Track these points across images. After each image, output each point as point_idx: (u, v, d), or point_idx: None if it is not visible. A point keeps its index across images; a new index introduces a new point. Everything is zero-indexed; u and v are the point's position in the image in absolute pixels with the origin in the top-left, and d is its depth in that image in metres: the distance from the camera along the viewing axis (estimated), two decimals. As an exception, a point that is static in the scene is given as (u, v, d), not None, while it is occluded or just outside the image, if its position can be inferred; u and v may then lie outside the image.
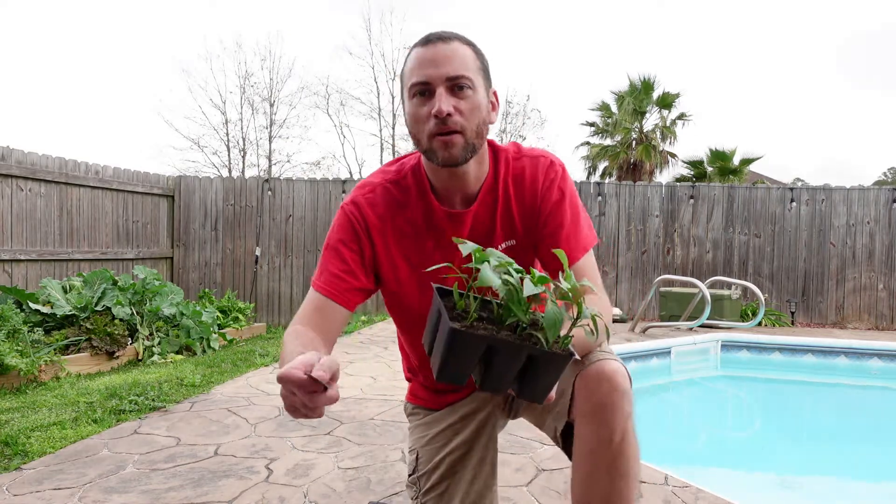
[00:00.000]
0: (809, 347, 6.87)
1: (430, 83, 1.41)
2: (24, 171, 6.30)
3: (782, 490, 3.57)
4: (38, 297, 5.59)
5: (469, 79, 1.42)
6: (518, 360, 1.05)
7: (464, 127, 1.42)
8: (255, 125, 26.65)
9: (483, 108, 1.46)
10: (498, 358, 1.04)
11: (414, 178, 1.58)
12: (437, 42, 1.43)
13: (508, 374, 1.06)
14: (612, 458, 1.33)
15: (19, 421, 3.64)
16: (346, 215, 1.56)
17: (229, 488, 2.70)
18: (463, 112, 1.41)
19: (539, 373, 1.07)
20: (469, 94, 1.42)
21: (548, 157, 1.61)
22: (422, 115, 1.43)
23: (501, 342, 1.03)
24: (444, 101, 1.38)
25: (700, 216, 8.98)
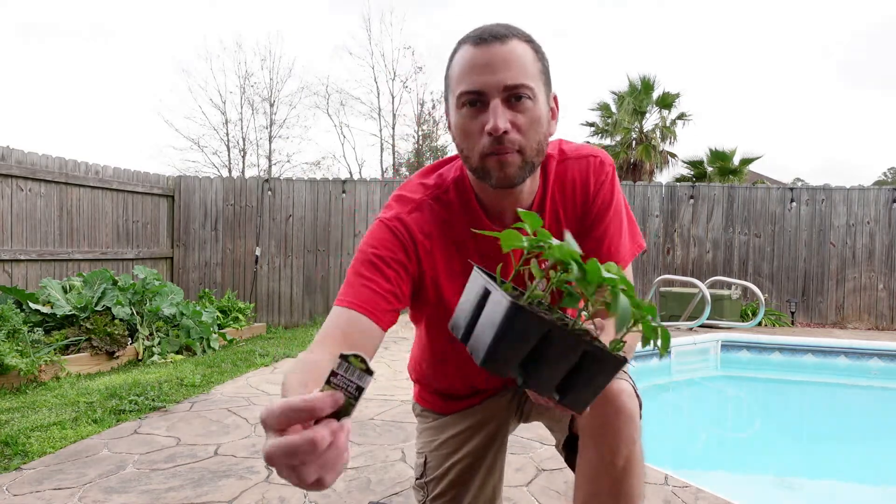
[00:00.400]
0: (809, 347, 6.87)
1: (484, 93, 1.23)
2: (24, 171, 6.30)
3: (782, 490, 3.58)
4: (38, 297, 5.59)
5: (529, 88, 1.23)
6: (572, 358, 0.93)
7: (522, 145, 1.24)
8: (255, 125, 26.69)
9: (544, 121, 1.28)
10: (551, 351, 0.92)
11: (457, 191, 1.40)
12: (492, 42, 1.23)
13: (557, 372, 0.94)
14: (615, 481, 1.26)
15: (19, 421, 3.64)
16: (390, 232, 1.35)
17: (229, 488, 2.71)
18: (521, 127, 1.24)
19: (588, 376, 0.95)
20: (528, 106, 1.24)
21: (597, 157, 1.44)
22: (473, 129, 1.25)
23: (562, 331, 0.91)
24: (500, 117, 1.21)
25: (700, 216, 8.98)
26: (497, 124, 1.20)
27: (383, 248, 1.32)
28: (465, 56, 1.25)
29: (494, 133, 1.21)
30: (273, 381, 4.90)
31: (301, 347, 6.51)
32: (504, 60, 1.22)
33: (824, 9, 57.24)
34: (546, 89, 1.29)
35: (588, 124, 20.37)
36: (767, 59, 54.59)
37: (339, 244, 9.01)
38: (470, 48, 1.25)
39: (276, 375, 5.12)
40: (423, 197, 1.40)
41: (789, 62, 55.94)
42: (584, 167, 1.41)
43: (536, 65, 1.26)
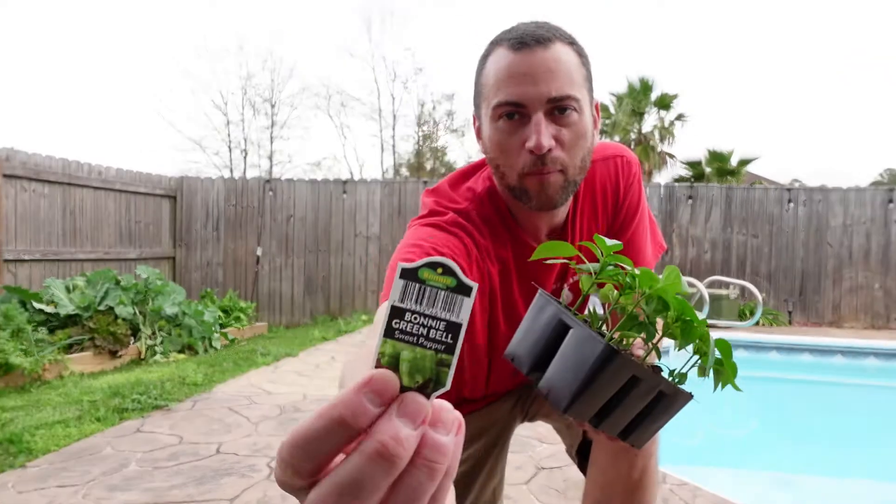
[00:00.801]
0: (806, 346, 6.90)
1: (525, 105, 1.09)
2: (28, 171, 6.34)
3: (779, 487, 3.61)
4: (42, 296, 5.63)
5: (575, 99, 1.10)
6: (647, 398, 0.87)
7: (565, 164, 1.12)
8: (256, 126, 26.71)
9: (589, 135, 1.15)
10: (632, 394, 0.85)
11: (493, 206, 1.25)
12: (534, 47, 1.09)
13: (631, 413, 0.88)
14: (629, 492, 1.21)
15: (24, 419, 3.68)
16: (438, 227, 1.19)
17: (231, 486, 2.74)
18: (565, 144, 1.11)
19: (658, 413, 0.89)
20: (574, 120, 1.11)
21: (623, 156, 1.32)
22: (511, 145, 1.12)
23: (648, 373, 0.84)
24: (543, 134, 1.08)
25: (698, 216, 9.01)
26: (541, 142, 1.07)
27: (445, 248, 1.13)
28: (502, 62, 1.11)
29: (537, 152, 1.08)
30: (274, 379, 4.94)
31: (302, 346, 6.55)
32: (548, 69, 1.08)
33: (821, 10, 57.20)
34: (590, 96, 1.16)
35: (588, 124, 20.33)
36: (765, 61, 54.54)
37: (340, 244, 9.04)
38: (508, 53, 1.11)
39: (277, 374, 5.16)
40: (467, 207, 1.23)
41: (786, 64, 55.88)
42: (613, 169, 1.30)
43: (581, 71, 1.13)
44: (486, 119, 1.15)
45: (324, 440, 0.38)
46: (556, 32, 1.12)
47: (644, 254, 1.34)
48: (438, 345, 0.41)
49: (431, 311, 0.42)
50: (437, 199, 1.26)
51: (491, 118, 1.13)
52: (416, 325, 0.41)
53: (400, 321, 0.41)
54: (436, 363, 0.41)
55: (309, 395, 4.45)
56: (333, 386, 4.76)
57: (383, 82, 27.49)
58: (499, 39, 1.14)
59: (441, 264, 0.42)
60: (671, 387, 0.87)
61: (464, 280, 0.42)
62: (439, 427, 0.39)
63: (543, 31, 1.11)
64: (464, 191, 1.27)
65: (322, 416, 0.38)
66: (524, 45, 1.09)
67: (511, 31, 1.14)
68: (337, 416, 0.37)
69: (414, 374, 0.40)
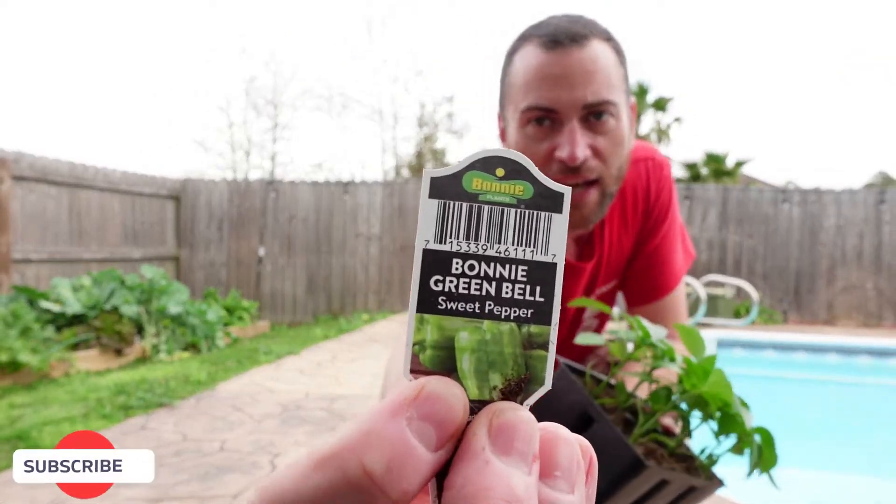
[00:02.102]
0: (801, 345, 6.92)
1: (557, 112, 0.99)
2: (35, 173, 6.41)
3: (774, 485, 3.67)
4: (49, 296, 5.69)
5: (613, 104, 0.99)
6: (676, 494, 0.79)
7: (602, 175, 1.02)
8: (258, 127, 26.71)
9: (626, 142, 1.05)
10: (661, 494, 0.77)
11: None
12: (568, 46, 0.97)
13: None
14: None
15: (31, 416, 3.73)
16: None
17: (234, 483, 2.80)
18: (602, 153, 1.00)
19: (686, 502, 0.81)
20: (611, 126, 1.00)
21: (654, 158, 1.22)
22: (539, 152, 1.01)
23: (677, 475, 0.77)
24: (578, 144, 0.97)
25: (695, 217, 9.05)
26: (575, 153, 0.97)
27: None
28: (533, 61, 1.00)
29: (571, 163, 0.98)
30: (277, 378, 4.99)
31: (304, 345, 6.59)
32: (584, 71, 0.97)
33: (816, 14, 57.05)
34: (627, 98, 1.06)
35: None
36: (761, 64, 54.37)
37: (342, 244, 9.08)
38: (539, 52, 0.99)
39: (279, 372, 5.20)
40: None
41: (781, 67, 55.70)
42: (644, 173, 1.20)
43: (619, 72, 1.02)
44: (513, 123, 1.05)
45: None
46: (593, 28, 1.01)
47: (672, 262, 1.24)
48: (522, 310, 0.24)
49: (498, 248, 0.25)
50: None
51: (519, 122, 1.03)
52: (474, 281, 0.24)
53: (444, 278, 0.24)
54: (522, 345, 0.24)
55: (311, 393, 4.48)
56: (335, 384, 4.78)
57: (384, 84, 27.47)
58: (528, 35, 1.03)
59: (504, 160, 0.25)
60: (702, 481, 0.80)
61: (548, 184, 0.25)
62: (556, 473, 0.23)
63: (579, 26, 1.00)
64: None
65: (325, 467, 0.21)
66: (558, 43, 0.98)
67: (542, 25, 1.02)
68: (357, 471, 0.20)
69: (486, 374, 0.24)
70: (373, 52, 27.06)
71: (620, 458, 0.73)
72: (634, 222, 1.20)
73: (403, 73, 28.30)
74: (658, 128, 18.86)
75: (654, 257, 1.22)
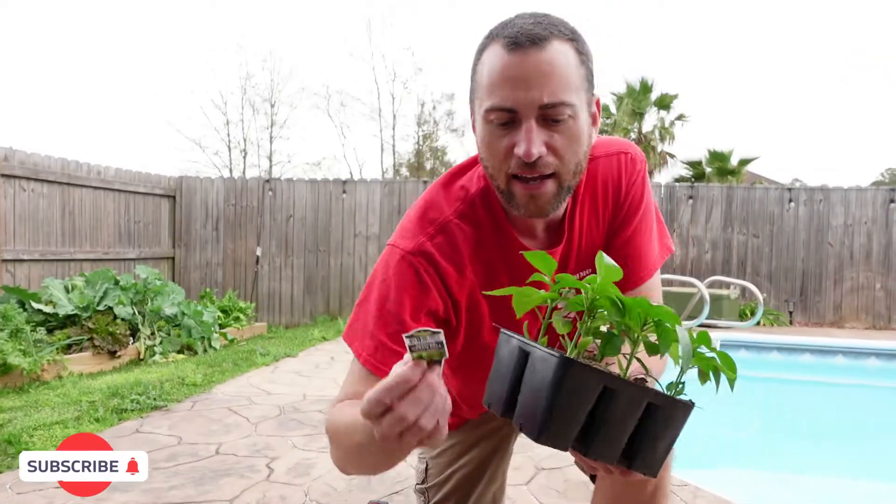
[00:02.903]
0: (807, 347, 6.89)
1: (516, 111, 1.05)
2: (26, 171, 6.33)
3: (780, 488, 3.60)
4: (41, 296, 5.62)
5: (570, 105, 1.05)
6: (636, 413, 0.81)
7: (558, 170, 1.08)
8: (255, 126, 26.71)
9: (584, 138, 1.11)
10: (613, 409, 0.80)
11: (484, 205, 1.23)
12: (528, 48, 1.04)
13: (622, 433, 0.82)
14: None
15: (22, 420, 3.67)
16: (412, 270, 1.17)
17: (230, 487, 2.74)
18: (558, 150, 1.07)
19: (656, 432, 0.83)
20: (568, 125, 1.07)
21: (628, 153, 1.29)
22: (500, 148, 1.09)
23: (623, 383, 0.79)
24: (534, 142, 1.04)
25: (699, 216, 9.00)
26: (530, 150, 1.04)
27: (408, 295, 1.15)
28: (495, 62, 1.07)
29: (526, 159, 1.05)
30: (274, 380, 4.93)
31: (302, 347, 6.55)
32: (542, 74, 1.03)
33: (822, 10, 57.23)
34: (589, 97, 1.12)
35: (588, 125, 20.36)
36: (765, 60, 54.57)
37: (340, 244, 9.03)
38: (502, 53, 1.05)
39: (276, 374, 5.15)
40: (448, 217, 1.22)
41: (787, 63, 55.92)
42: (616, 166, 1.27)
43: (580, 71, 1.08)
44: (479, 118, 1.12)
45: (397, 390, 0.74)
46: (555, 29, 1.07)
47: (645, 254, 1.30)
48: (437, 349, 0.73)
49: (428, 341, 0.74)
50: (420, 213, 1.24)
51: (483, 119, 1.10)
52: (422, 346, 0.73)
53: (413, 350, 0.73)
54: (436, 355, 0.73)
55: (308, 396, 4.44)
56: (333, 386, 4.75)
57: (383, 82, 27.50)
58: (495, 34, 1.09)
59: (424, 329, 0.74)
60: (662, 397, 0.82)
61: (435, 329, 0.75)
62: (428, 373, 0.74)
63: (541, 28, 1.05)
64: (457, 189, 1.26)
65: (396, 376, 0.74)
66: (518, 45, 1.04)
67: (508, 25, 1.08)
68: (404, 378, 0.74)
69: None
70: (372, 49, 27.03)
71: (550, 366, 0.78)
72: (605, 213, 1.27)
73: (403, 71, 28.31)
74: (661, 125, 18.85)
75: (626, 248, 1.28)
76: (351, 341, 1.19)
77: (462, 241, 1.21)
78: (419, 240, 1.19)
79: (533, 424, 0.81)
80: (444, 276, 1.18)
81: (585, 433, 0.81)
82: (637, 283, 1.28)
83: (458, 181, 1.28)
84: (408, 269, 1.16)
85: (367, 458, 1.01)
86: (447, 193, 1.26)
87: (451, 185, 1.27)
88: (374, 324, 1.15)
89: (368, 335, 1.15)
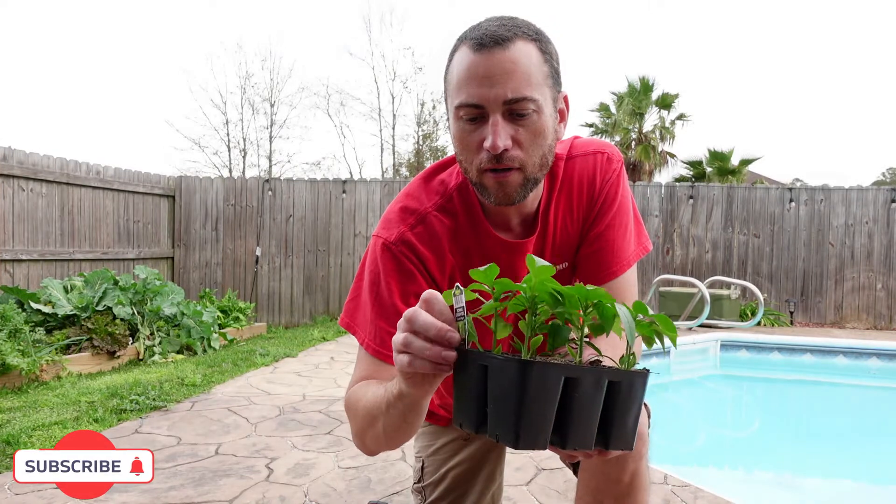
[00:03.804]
0: (808, 347, 6.89)
1: (482, 107, 1.13)
2: (25, 171, 6.31)
3: (781, 489, 3.60)
4: (40, 296, 5.61)
5: (533, 100, 1.13)
6: (600, 394, 0.84)
7: (523, 162, 1.16)
8: (255, 125, 26.69)
9: (549, 132, 1.18)
10: (578, 397, 0.83)
11: (461, 199, 1.32)
12: (492, 48, 1.11)
13: (593, 417, 0.85)
14: (621, 496, 1.22)
15: (21, 420, 3.66)
16: (395, 258, 1.27)
17: (230, 487, 2.72)
18: (523, 144, 1.15)
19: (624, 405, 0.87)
20: (532, 120, 1.14)
21: (604, 153, 1.36)
22: (471, 143, 1.17)
23: (581, 370, 0.82)
24: (500, 135, 1.12)
25: (699, 216, 8.99)
26: (496, 143, 1.12)
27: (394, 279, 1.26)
28: (463, 62, 1.14)
29: (493, 151, 1.12)
30: (273, 380, 4.92)
31: (301, 347, 6.53)
32: (505, 72, 1.11)
33: (824, 9, 57.24)
34: (553, 93, 1.19)
35: (588, 125, 20.38)
36: (766, 60, 54.60)
37: (340, 244, 9.02)
38: (469, 53, 1.14)
39: (276, 375, 5.13)
40: (427, 208, 1.31)
41: (788, 62, 55.95)
42: (591, 165, 1.34)
43: (543, 68, 1.15)
44: (451, 116, 1.19)
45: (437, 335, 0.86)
46: (519, 30, 1.14)
47: (619, 249, 1.35)
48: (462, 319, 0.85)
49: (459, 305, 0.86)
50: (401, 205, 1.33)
51: (455, 116, 1.17)
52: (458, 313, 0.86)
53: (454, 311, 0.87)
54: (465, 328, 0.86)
55: (308, 396, 4.42)
56: (333, 386, 4.73)
57: (383, 81, 27.47)
58: (464, 37, 1.17)
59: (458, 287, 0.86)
60: (617, 372, 0.86)
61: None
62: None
63: (505, 29, 1.13)
64: (436, 184, 1.35)
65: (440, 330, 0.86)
66: (483, 46, 1.12)
67: (476, 28, 1.16)
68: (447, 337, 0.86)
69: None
70: (371, 49, 27.01)
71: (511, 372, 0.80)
72: (580, 209, 1.34)
73: (402, 71, 28.29)
74: (662, 125, 18.85)
75: (599, 241, 1.33)
76: (354, 331, 1.30)
77: (440, 230, 1.30)
78: (400, 229, 1.29)
79: (508, 433, 0.82)
80: (424, 261, 1.28)
81: (559, 427, 0.84)
82: (610, 276, 1.33)
83: (439, 176, 1.37)
84: (392, 258, 1.27)
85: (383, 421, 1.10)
86: (427, 187, 1.35)
87: (432, 180, 1.36)
88: (371, 311, 1.26)
89: (368, 322, 1.26)
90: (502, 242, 1.31)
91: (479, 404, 0.88)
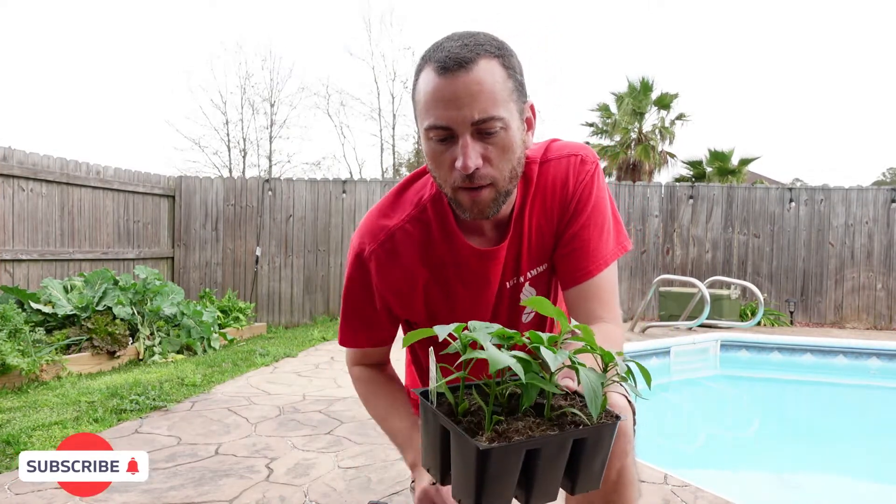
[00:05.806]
0: (808, 347, 6.89)
1: (451, 129, 1.16)
2: (25, 171, 6.31)
3: (781, 489, 3.59)
4: (40, 296, 5.61)
5: (500, 119, 1.15)
6: (564, 453, 0.85)
7: (494, 178, 1.20)
8: (255, 125, 26.68)
9: (517, 146, 1.22)
10: (542, 459, 0.83)
11: (434, 210, 1.37)
12: (456, 71, 1.13)
13: (557, 472, 0.86)
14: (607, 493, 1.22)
15: (21, 420, 3.65)
16: (365, 271, 1.39)
17: (230, 487, 2.72)
18: (493, 161, 1.18)
19: (590, 455, 0.87)
20: (500, 137, 1.17)
21: (578, 155, 1.38)
22: (443, 162, 1.21)
23: (544, 441, 0.82)
24: (470, 155, 1.15)
25: (699, 216, 8.99)
26: (467, 163, 1.15)
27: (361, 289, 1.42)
28: (429, 85, 1.17)
29: (465, 171, 1.16)
30: (273, 380, 4.91)
31: (301, 347, 6.53)
32: (471, 94, 1.13)
33: (824, 9, 57.24)
34: (519, 105, 1.21)
35: (588, 125, 20.39)
36: (766, 60, 54.61)
37: (340, 244, 9.02)
38: (434, 77, 1.16)
39: (276, 375, 5.13)
40: (398, 223, 1.38)
41: (788, 62, 55.97)
42: (565, 167, 1.37)
43: (507, 84, 1.18)
44: (422, 136, 1.22)
45: None
46: (481, 48, 1.16)
47: (595, 249, 1.36)
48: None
49: None
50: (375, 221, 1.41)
51: (425, 137, 1.21)
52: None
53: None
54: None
55: (308, 396, 4.42)
56: (333, 386, 4.73)
57: (383, 82, 27.47)
58: (428, 57, 1.19)
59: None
60: (585, 430, 0.84)
61: None
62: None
63: (467, 50, 1.15)
64: (411, 194, 1.41)
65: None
66: (447, 69, 1.14)
67: (438, 48, 1.18)
68: None
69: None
70: (371, 49, 27.00)
71: (470, 457, 0.80)
72: (554, 211, 1.36)
73: (402, 71, 28.26)
74: (662, 125, 18.85)
75: (574, 241, 1.36)
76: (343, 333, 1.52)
77: (409, 245, 1.37)
78: (372, 247, 1.38)
79: (470, 500, 0.83)
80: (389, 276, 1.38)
81: (523, 483, 0.84)
82: (587, 276, 1.35)
83: (414, 185, 1.43)
84: (362, 271, 1.40)
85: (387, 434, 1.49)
86: (400, 200, 1.41)
87: (407, 191, 1.42)
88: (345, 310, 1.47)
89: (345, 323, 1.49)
90: (475, 251, 1.35)
91: (444, 458, 0.90)
